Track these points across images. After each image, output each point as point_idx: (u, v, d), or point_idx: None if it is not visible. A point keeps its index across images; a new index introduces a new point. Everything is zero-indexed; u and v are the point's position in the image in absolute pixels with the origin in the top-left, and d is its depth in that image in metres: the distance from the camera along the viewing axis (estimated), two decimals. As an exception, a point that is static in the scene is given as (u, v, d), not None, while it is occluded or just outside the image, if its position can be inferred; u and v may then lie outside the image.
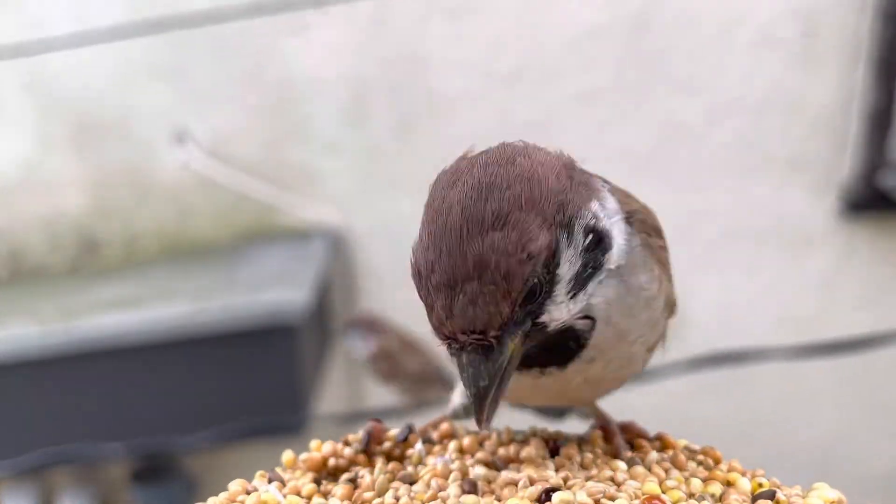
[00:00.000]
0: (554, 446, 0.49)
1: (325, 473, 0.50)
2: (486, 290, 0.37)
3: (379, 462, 0.49)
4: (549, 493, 0.41)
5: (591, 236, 0.40)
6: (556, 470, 0.45)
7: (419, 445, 0.51)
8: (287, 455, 0.51)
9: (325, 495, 0.46)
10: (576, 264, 0.40)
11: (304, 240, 1.56)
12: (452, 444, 0.51)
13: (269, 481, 0.48)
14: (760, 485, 0.46)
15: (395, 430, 0.52)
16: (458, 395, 0.53)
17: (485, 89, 1.49)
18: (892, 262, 1.54)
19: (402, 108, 1.52)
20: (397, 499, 0.44)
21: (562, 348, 0.43)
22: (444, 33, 1.47)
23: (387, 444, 0.51)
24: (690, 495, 0.44)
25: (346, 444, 0.52)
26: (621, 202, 0.44)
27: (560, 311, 0.40)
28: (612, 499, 0.41)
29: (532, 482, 0.43)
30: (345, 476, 0.49)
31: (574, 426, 0.53)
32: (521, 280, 0.37)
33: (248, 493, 0.47)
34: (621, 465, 0.46)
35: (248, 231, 1.59)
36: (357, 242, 1.58)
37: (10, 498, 1.56)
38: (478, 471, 0.46)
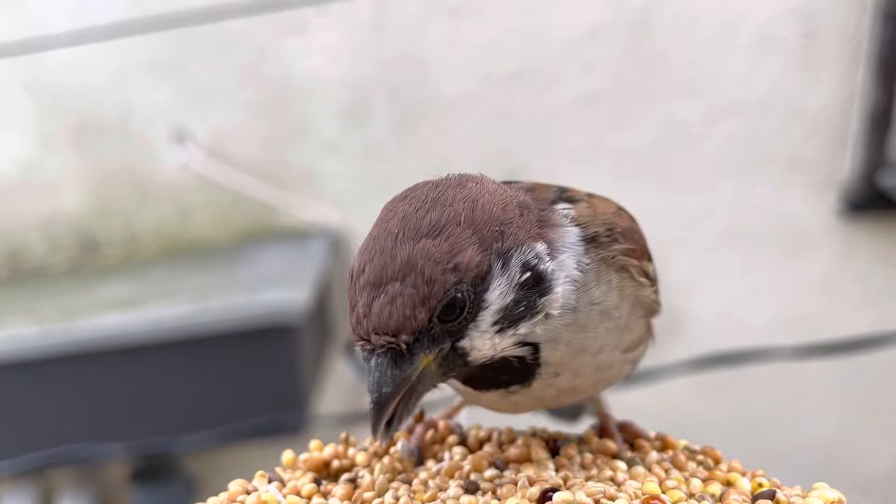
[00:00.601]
0: (554, 446, 0.49)
1: (326, 473, 0.50)
2: (405, 293, 0.37)
3: (379, 462, 0.49)
4: (549, 493, 0.41)
5: (528, 274, 0.40)
6: (557, 470, 0.45)
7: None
8: (287, 455, 0.51)
9: (325, 495, 0.46)
10: (507, 296, 0.39)
11: (304, 240, 1.56)
12: (453, 444, 0.51)
13: (269, 481, 0.48)
14: (760, 485, 0.46)
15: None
16: None
17: (484, 90, 1.50)
18: (893, 262, 1.54)
19: (402, 108, 1.52)
20: (397, 499, 0.44)
21: (512, 370, 0.42)
22: (444, 34, 1.47)
23: (393, 450, 0.51)
24: (690, 495, 0.44)
25: (347, 443, 0.52)
26: (584, 224, 0.43)
27: (482, 342, 0.39)
28: (612, 499, 0.41)
29: (532, 482, 0.43)
30: (345, 476, 0.49)
31: (574, 426, 0.53)
32: (442, 289, 0.37)
33: (248, 492, 0.47)
34: (621, 465, 0.46)
35: (248, 231, 1.59)
36: (357, 242, 1.57)
37: (10, 498, 1.56)
38: (478, 471, 0.46)
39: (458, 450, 0.49)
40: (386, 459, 0.49)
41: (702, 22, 1.44)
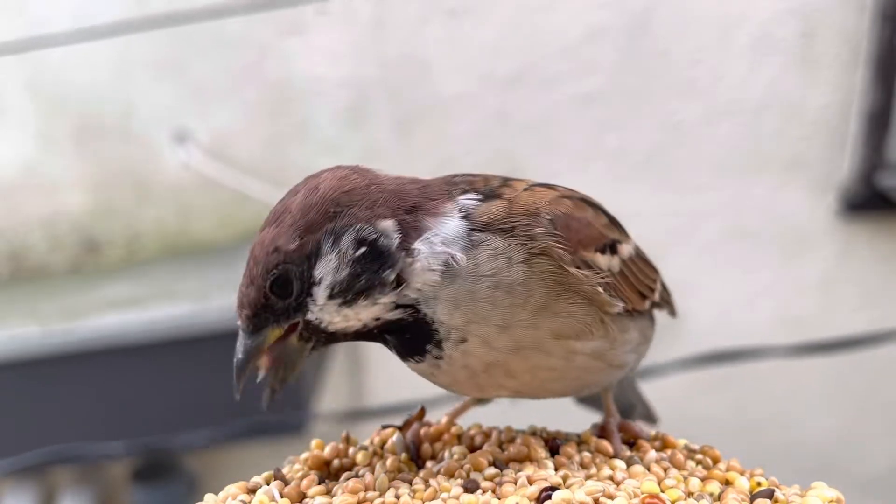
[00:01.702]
0: (553, 445, 0.49)
1: (327, 472, 0.51)
2: (246, 275, 0.43)
3: (380, 462, 0.49)
4: (548, 491, 0.41)
5: (364, 249, 0.42)
6: (556, 469, 0.45)
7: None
8: (290, 456, 0.51)
9: (328, 494, 0.46)
10: (340, 271, 0.42)
11: (304, 239, 1.56)
12: (453, 444, 0.51)
13: (271, 480, 0.48)
14: (759, 484, 0.46)
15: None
16: None
17: (484, 90, 1.50)
18: (892, 262, 1.55)
19: (402, 108, 1.52)
20: (398, 497, 0.44)
21: (408, 333, 0.44)
22: (444, 34, 1.47)
23: (389, 443, 0.52)
24: (689, 494, 0.44)
25: (347, 442, 0.52)
26: (481, 214, 0.44)
27: (328, 314, 0.43)
28: (611, 497, 0.41)
29: (532, 481, 0.43)
30: (346, 475, 0.49)
31: (575, 426, 0.53)
32: (265, 269, 0.42)
33: (249, 492, 0.47)
34: (620, 464, 0.46)
35: (249, 231, 1.59)
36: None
37: (11, 497, 1.56)
38: (478, 470, 0.46)
39: (457, 449, 0.49)
40: (388, 459, 0.49)
41: (701, 22, 1.44)
